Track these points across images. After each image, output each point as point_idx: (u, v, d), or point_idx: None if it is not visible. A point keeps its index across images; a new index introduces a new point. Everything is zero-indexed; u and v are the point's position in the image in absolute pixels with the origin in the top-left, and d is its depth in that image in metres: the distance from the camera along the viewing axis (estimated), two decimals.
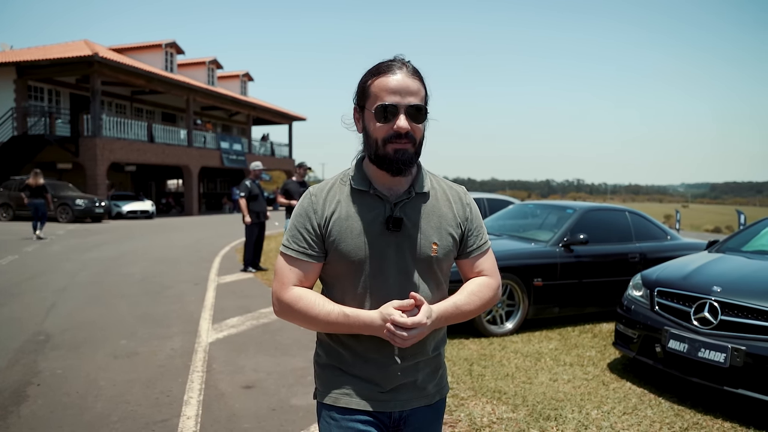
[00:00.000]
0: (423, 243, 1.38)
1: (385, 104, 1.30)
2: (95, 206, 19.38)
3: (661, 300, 4.15)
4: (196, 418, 3.36)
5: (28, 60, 21.46)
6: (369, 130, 1.35)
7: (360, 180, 1.40)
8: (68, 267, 9.25)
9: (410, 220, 1.38)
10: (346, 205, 1.38)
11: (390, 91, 1.30)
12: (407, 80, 1.32)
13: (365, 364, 1.38)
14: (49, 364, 4.32)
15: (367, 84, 1.35)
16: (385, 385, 1.39)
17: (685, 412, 3.64)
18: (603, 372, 4.46)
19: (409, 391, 1.42)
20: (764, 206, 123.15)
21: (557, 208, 6.70)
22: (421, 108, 1.32)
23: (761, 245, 4.87)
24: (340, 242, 1.35)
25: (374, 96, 1.32)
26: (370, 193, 1.38)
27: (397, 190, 1.39)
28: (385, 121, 1.31)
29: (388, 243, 1.36)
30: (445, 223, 1.42)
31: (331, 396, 1.40)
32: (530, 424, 3.36)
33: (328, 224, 1.37)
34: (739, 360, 3.41)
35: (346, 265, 1.36)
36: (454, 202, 1.46)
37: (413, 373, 1.41)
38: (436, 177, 1.50)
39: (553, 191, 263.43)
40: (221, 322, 5.80)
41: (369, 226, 1.36)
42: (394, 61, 1.35)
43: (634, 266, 6.09)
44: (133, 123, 24.35)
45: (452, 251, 1.44)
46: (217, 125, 37.03)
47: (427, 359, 1.44)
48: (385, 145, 1.32)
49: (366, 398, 1.38)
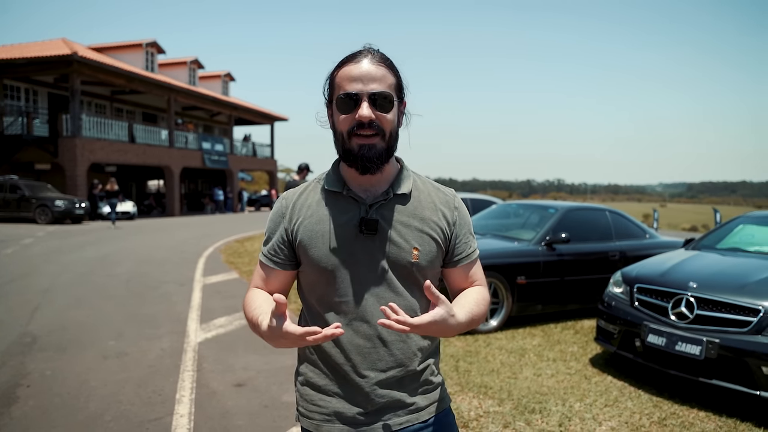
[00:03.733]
0: (403, 248, 1.25)
1: (346, 92, 1.21)
2: (75, 207, 19.10)
3: (640, 296, 4.31)
4: (189, 416, 3.41)
5: (5, 58, 21.04)
6: (335, 123, 1.26)
7: (334, 181, 1.30)
8: (50, 269, 9.16)
9: (387, 222, 1.26)
10: (318, 209, 1.29)
11: (352, 79, 1.21)
12: (371, 67, 1.22)
13: (343, 383, 1.28)
14: (38, 366, 4.31)
15: (332, 76, 1.26)
16: (366, 406, 1.26)
17: (663, 403, 3.79)
18: (585, 366, 4.60)
19: (394, 410, 1.28)
20: (738, 205, 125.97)
21: (539, 208, 6.85)
22: (387, 95, 1.21)
23: (734, 243, 5.06)
24: (310, 248, 1.26)
25: (337, 86, 1.24)
26: (343, 195, 1.28)
27: (374, 191, 1.28)
28: (347, 111, 1.21)
29: (363, 248, 1.25)
30: (428, 227, 1.29)
31: (311, 421, 1.30)
32: (516, 417, 3.47)
33: (296, 229, 1.28)
34: (714, 352, 3.56)
35: (318, 273, 1.26)
36: (441, 205, 1.33)
37: (396, 390, 1.28)
38: (422, 178, 1.38)
39: (534, 191, 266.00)
40: (209, 321, 5.83)
41: (341, 229, 1.25)
42: (361, 50, 1.26)
43: (615, 264, 6.26)
44: (113, 123, 24.05)
45: (436, 258, 1.30)
46: (199, 125, 36.73)
47: (414, 373, 1.30)
48: (350, 138, 1.22)
49: (348, 422, 1.26)
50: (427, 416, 1.31)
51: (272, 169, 38.79)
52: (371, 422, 1.26)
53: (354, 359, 1.25)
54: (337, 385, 1.28)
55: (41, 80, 24.21)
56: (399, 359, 1.27)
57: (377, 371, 1.26)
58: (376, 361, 1.26)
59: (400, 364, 1.27)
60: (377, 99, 1.21)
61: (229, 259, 10.85)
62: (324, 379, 1.29)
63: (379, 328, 1.25)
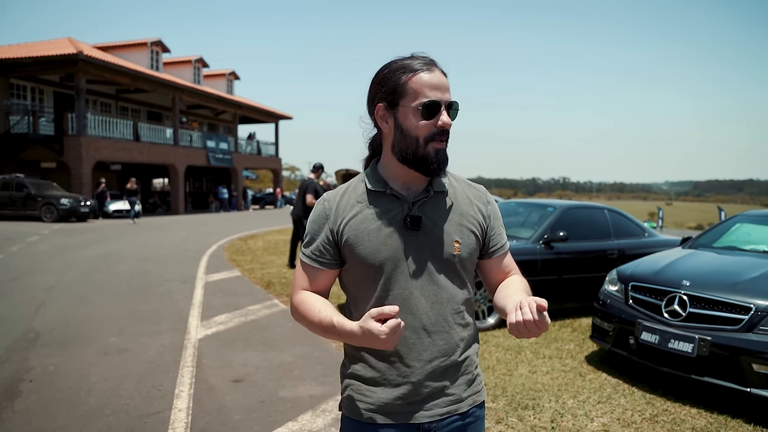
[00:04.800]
0: (445, 241, 1.32)
1: (431, 100, 1.27)
2: (80, 205, 19.27)
3: (634, 294, 4.34)
4: (187, 411, 3.48)
5: (11, 58, 21.24)
6: (407, 128, 1.29)
7: (375, 181, 1.36)
8: (55, 266, 9.26)
9: (430, 218, 1.33)
10: (362, 208, 1.34)
11: (432, 87, 1.27)
12: (443, 78, 1.30)
13: (389, 374, 1.32)
14: (41, 361, 4.39)
15: (401, 81, 1.28)
16: (409, 395, 1.32)
17: (656, 400, 3.82)
18: (580, 364, 4.64)
19: (437, 399, 1.34)
20: (745, 203, 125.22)
21: (538, 207, 6.89)
22: (457, 106, 1.31)
23: (731, 241, 5.09)
24: (357, 245, 1.31)
25: (414, 92, 1.27)
26: (386, 194, 1.34)
27: (415, 189, 1.35)
28: (429, 117, 1.27)
29: (408, 243, 1.31)
30: (466, 221, 1.36)
31: (353, 408, 1.36)
32: (509, 413, 3.52)
33: (342, 229, 1.33)
34: (705, 350, 3.60)
35: (365, 269, 1.32)
36: (474, 200, 1.41)
37: (440, 380, 1.34)
38: (455, 176, 1.45)
39: (540, 189, 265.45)
40: (210, 319, 5.90)
41: (386, 226, 1.31)
42: (425, 58, 1.31)
43: (613, 262, 6.28)
44: (118, 122, 24.23)
45: (475, 250, 1.38)
46: (203, 124, 36.90)
47: (456, 364, 1.36)
48: (426, 144, 1.28)
49: (390, 411, 1.32)
50: (466, 407, 1.37)
51: (277, 168, 38.91)
52: (414, 411, 1.32)
53: (401, 350, 1.31)
54: (384, 376, 1.33)
55: (47, 79, 24.40)
56: (443, 349, 1.33)
57: (423, 361, 1.31)
58: (421, 352, 1.31)
59: (444, 354, 1.33)
60: (452, 108, 1.30)
61: (232, 257, 10.94)
62: (371, 371, 1.34)
63: (423, 320, 1.32)
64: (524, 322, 1.15)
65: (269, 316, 6.09)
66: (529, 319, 1.14)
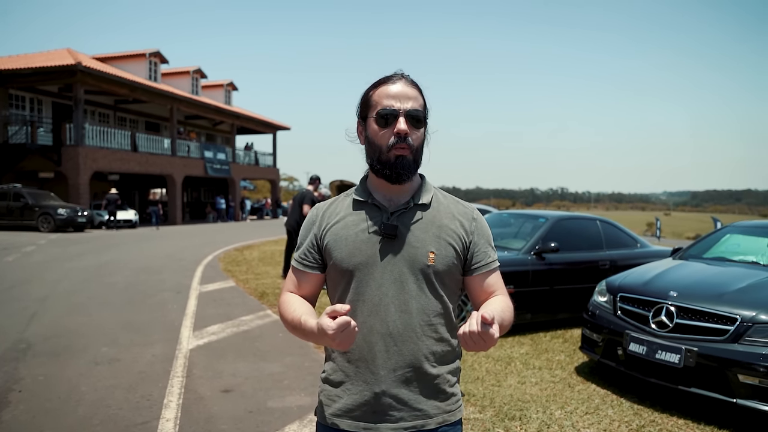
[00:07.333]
0: (419, 251, 1.35)
1: (385, 108, 1.34)
2: (77, 216, 19.28)
3: (623, 305, 4.36)
4: (175, 421, 3.48)
5: (10, 69, 21.34)
6: (371, 137, 1.37)
7: (361, 192, 1.43)
8: (50, 276, 9.26)
9: (406, 228, 1.36)
10: (344, 215, 1.41)
11: (390, 97, 1.34)
12: (406, 88, 1.36)
13: (356, 380, 1.35)
14: (30, 371, 4.39)
15: (369, 95, 1.39)
16: (373, 403, 1.34)
17: (643, 411, 3.84)
18: (570, 375, 4.65)
19: (402, 412, 1.34)
20: (743, 213, 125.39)
21: (531, 218, 6.92)
22: (419, 113, 1.35)
23: (720, 252, 5.12)
24: (334, 249, 1.38)
25: (375, 103, 1.36)
26: (368, 204, 1.40)
27: (396, 200, 1.40)
28: (385, 125, 1.34)
29: (383, 251, 1.35)
30: (445, 233, 1.38)
31: (321, 412, 1.41)
32: (495, 424, 3.53)
33: (324, 234, 1.41)
34: (692, 360, 3.62)
35: (340, 273, 1.37)
36: (458, 215, 1.43)
37: (405, 391, 1.34)
38: (444, 194, 1.49)
39: (538, 199, 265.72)
40: (202, 329, 5.90)
41: (364, 233, 1.37)
42: (394, 74, 1.39)
43: (605, 273, 6.29)
44: (116, 132, 24.31)
45: (455, 264, 1.38)
46: (201, 134, 37.00)
47: (424, 377, 1.35)
48: (389, 151, 1.34)
49: (354, 417, 1.35)
50: (434, 425, 1.36)
51: (274, 178, 38.98)
52: (379, 420, 1.33)
53: (367, 356, 1.34)
54: (351, 381, 1.36)
55: (46, 90, 24.50)
56: (408, 359, 1.33)
57: (387, 369, 1.33)
58: (386, 359, 1.33)
59: (409, 364, 1.34)
60: (411, 116, 1.34)
61: (227, 268, 10.94)
62: (340, 375, 1.38)
63: (390, 327, 1.33)
64: (469, 333, 1.14)
65: (261, 327, 6.09)
66: (474, 330, 1.13)
